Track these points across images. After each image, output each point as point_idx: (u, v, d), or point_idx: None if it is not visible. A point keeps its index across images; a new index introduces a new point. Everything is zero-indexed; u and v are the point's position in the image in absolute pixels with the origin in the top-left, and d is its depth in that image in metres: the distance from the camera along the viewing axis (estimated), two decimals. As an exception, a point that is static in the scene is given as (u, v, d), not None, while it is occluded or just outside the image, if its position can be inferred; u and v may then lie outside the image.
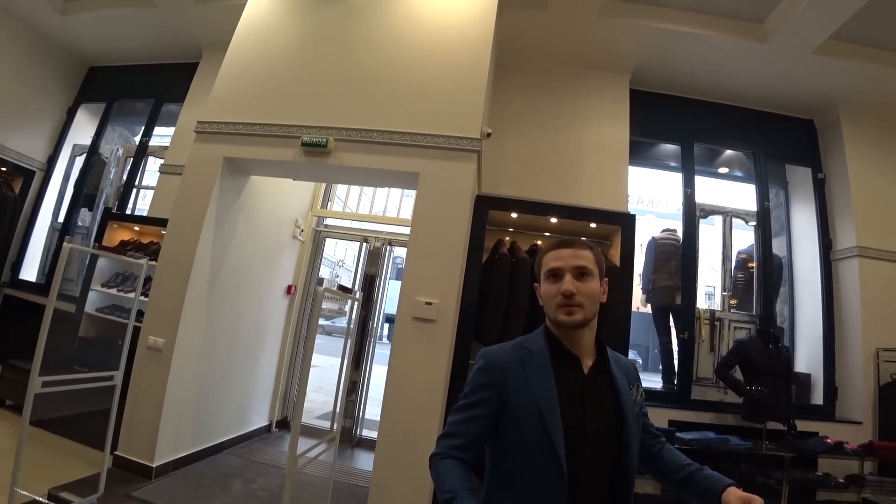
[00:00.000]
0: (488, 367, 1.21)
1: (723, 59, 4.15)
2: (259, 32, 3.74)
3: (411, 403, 2.92)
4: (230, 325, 3.86)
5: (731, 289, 4.70)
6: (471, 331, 3.23)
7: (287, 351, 4.79)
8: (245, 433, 4.22)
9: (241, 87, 3.62)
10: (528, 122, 4.23)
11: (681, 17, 3.89)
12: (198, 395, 3.53)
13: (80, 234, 5.33)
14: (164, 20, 4.71)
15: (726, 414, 3.88)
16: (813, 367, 4.36)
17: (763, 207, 4.57)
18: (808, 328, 4.51)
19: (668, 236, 4.60)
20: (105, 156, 5.47)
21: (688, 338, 4.21)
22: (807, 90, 4.40)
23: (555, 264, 1.20)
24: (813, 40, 3.80)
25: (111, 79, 5.74)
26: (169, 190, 4.25)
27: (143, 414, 3.19)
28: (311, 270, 5.09)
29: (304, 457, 2.63)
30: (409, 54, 3.45)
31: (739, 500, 1.05)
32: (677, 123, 4.67)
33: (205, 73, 4.75)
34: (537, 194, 3.82)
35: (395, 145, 3.26)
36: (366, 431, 4.69)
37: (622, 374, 1.22)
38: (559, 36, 4.12)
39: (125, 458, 3.15)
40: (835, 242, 4.41)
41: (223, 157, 3.49)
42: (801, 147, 4.74)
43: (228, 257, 3.73)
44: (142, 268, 2.98)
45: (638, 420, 1.20)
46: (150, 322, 3.32)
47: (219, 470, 3.49)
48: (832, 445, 3.52)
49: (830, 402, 4.14)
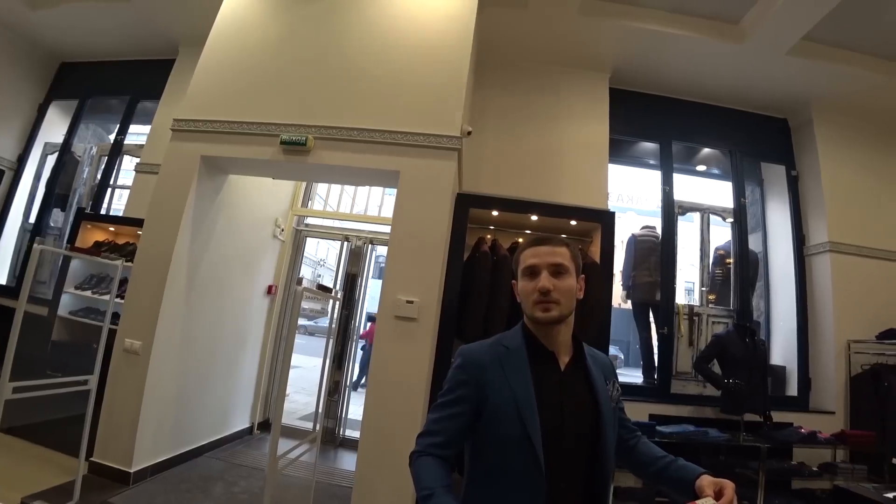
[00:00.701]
0: (466, 364, 1.21)
1: (700, 59, 4.23)
2: (237, 29, 3.68)
3: (393, 402, 2.91)
4: (210, 326, 3.80)
5: (710, 284, 4.80)
6: (452, 329, 3.23)
7: (268, 352, 4.73)
8: (226, 436, 4.16)
9: (218, 84, 3.56)
10: (509, 121, 4.25)
11: (659, 17, 3.94)
12: (177, 397, 3.47)
13: (52, 234, 5.19)
14: (139, 15, 4.59)
15: (705, 407, 3.97)
16: (788, 359, 4.48)
17: (739, 204, 4.67)
18: (782, 322, 4.63)
19: (647, 233, 4.67)
20: (78, 154, 5.33)
21: (667, 333, 4.29)
22: (781, 90, 4.50)
23: (531, 261, 1.21)
24: (786, 41, 3.89)
25: (84, 75, 5.58)
26: (145, 189, 4.16)
27: (119, 418, 3.12)
28: (292, 270, 5.04)
29: (286, 458, 2.61)
30: (390, 52, 3.44)
31: (712, 485, 1.07)
32: (656, 122, 4.74)
33: (181, 70, 4.66)
34: (518, 192, 3.84)
35: (375, 143, 3.25)
36: (349, 431, 4.67)
37: (599, 370, 1.23)
38: (540, 34, 4.15)
39: (101, 463, 3.08)
40: (808, 238, 4.54)
41: (201, 155, 3.43)
42: (775, 145, 4.86)
43: (207, 258, 3.66)
44: (117, 269, 2.91)
45: (614, 415, 1.21)
46: (126, 324, 3.25)
47: (199, 473, 3.43)
48: (806, 435, 3.63)
49: (804, 393, 4.26)
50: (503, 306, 3.37)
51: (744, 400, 3.65)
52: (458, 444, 1.17)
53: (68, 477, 2.82)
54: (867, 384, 3.90)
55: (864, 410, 3.88)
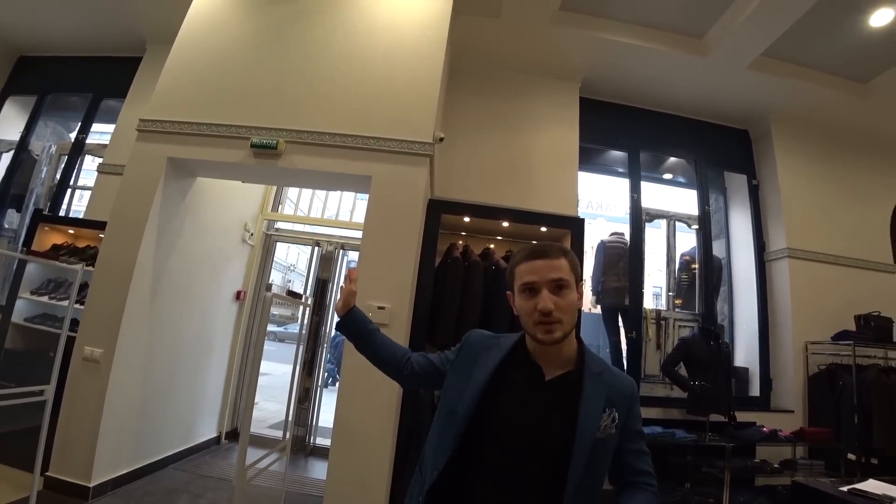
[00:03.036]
0: (464, 344, 1.30)
1: (666, 71, 4.37)
2: (208, 28, 3.60)
3: (365, 409, 2.88)
4: (175, 333, 3.69)
5: (676, 289, 4.93)
6: (424, 334, 3.23)
7: (237, 359, 4.62)
8: (192, 446, 4.04)
9: (187, 84, 3.47)
10: (481, 127, 4.29)
11: (628, 30, 4.06)
12: (140, 407, 3.34)
13: (6, 237, 4.94)
14: (105, 9, 4.43)
15: (672, 409, 4.07)
16: (750, 361, 4.65)
17: (704, 212, 4.84)
18: (745, 325, 4.80)
19: (616, 239, 4.78)
20: (36, 153, 5.09)
21: (636, 337, 4.39)
22: (742, 102, 4.70)
23: (529, 278, 1.12)
24: (747, 56, 4.07)
25: (44, 70, 5.34)
26: (108, 191, 4.00)
27: (78, 430, 2.99)
28: (262, 275, 4.94)
29: (255, 468, 2.55)
30: (362, 57, 3.43)
31: None
32: (624, 131, 4.87)
33: (148, 69, 4.51)
34: (489, 198, 3.88)
35: (346, 148, 3.23)
36: (319, 439, 4.59)
37: (600, 393, 1.11)
38: (512, 43, 4.21)
39: (58, 478, 2.94)
40: (768, 244, 4.73)
41: (167, 157, 3.33)
42: (737, 155, 5.06)
43: (173, 262, 3.56)
44: (77, 273, 2.80)
45: (598, 447, 1.06)
46: (86, 331, 3.12)
47: (164, 486, 3.32)
48: (768, 434, 3.76)
49: (766, 393, 4.42)
50: (475, 311, 3.38)
51: (709, 401, 3.77)
52: (416, 366, 1.34)
53: (22, 493, 2.67)
54: (824, 383, 4.08)
55: (822, 408, 4.06)
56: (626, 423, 1.13)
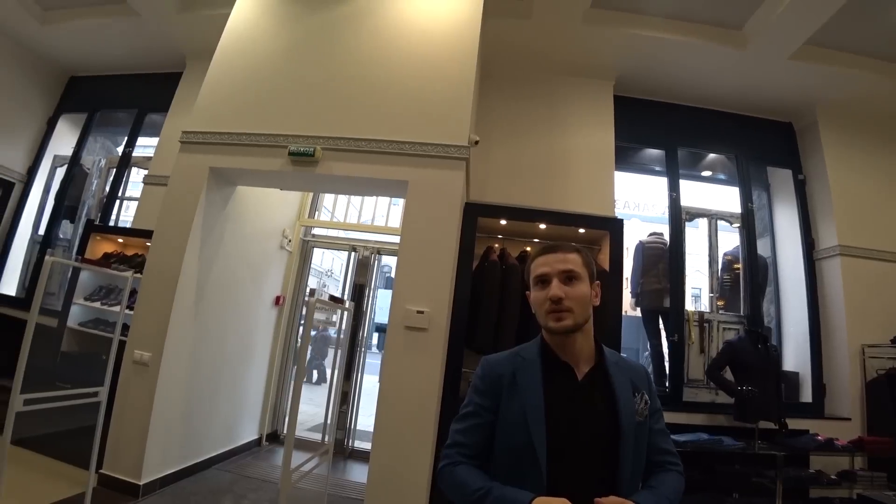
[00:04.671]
0: (485, 374, 1.22)
1: (703, 64, 4.24)
2: (244, 41, 3.71)
3: (404, 413, 2.89)
4: (218, 337, 3.79)
5: (719, 290, 4.76)
6: (463, 338, 3.21)
7: (276, 363, 4.72)
8: (235, 447, 4.14)
9: (226, 96, 3.59)
10: (516, 130, 4.26)
11: (662, 24, 3.96)
12: (186, 409, 3.46)
13: (61, 246, 5.22)
14: (147, 29, 4.66)
15: (718, 415, 3.92)
16: (800, 365, 4.43)
17: (747, 209, 4.65)
18: (794, 327, 4.58)
19: (655, 240, 4.65)
20: (87, 167, 5.37)
21: (678, 340, 4.25)
22: (785, 94, 4.50)
23: (542, 270, 1.19)
24: (789, 46, 3.90)
25: (93, 89, 5.65)
26: (153, 201, 4.19)
27: (129, 430, 3.11)
28: (300, 281, 5.04)
29: (298, 471, 2.59)
30: (396, 63, 3.46)
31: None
32: (661, 128, 4.74)
33: (189, 83, 4.71)
34: (526, 201, 3.84)
35: (382, 154, 3.26)
36: (358, 442, 4.63)
37: (625, 380, 1.17)
38: (544, 44, 4.17)
39: (111, 476, 3.06)
40: (817, 242, 4.50)
41: (209, 167, 3.45)
42: (781, 149, 4.84)
43: (215, 269, 3.67)
44: (126, 280, 2.92)
45: (639, 430, 1.13)
46: (135, 336, 3.25)
47: (208, 486, 3.41)
48: (823, 442, 3.58)
49: (819, 399, 4.20)
50: (513, 315, 3.34)
51: (758, 407, 3.60)
52: (485, 453, 1.17)
53: (78, 489, 2.81)
54: (883, 389, 3.84)
55: (882, 416, 3.81)
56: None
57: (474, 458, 1.15)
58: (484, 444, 1.16)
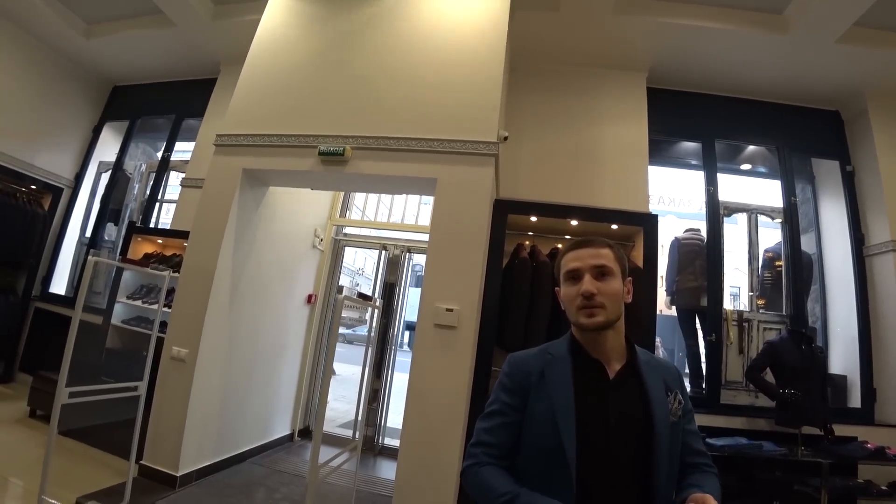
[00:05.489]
0: (513, 372, 1.20)
1: (741, 52, 4.05)
2: (274, 46, 3.79)
3: (434, 411, 2.88)
4: (252, 334, 3.89)
5: (759, 288, 4.56)
6: (493, 337, 3.19)
7: (308, 360, 4.81)
8: (268, 442, 4.24)
9: (258, 99, 3.67)
10: (545, 125, 4.19)
11: (697, 11, 3.81)
12: (221, 404, 3.56)
13: (106, 247, 5.47)
14: (183, 38, 4.83)
15: (758, 418, 3.74)
16: (849, 368, 4.18)
17: (790, 203, 4.43)
18: (841, 328, 4.33)
19: (691, 236, 4.49)
20: (129, 171, 5.62)
21: (715, 340, 4.09)
22: (831, 81, 4.26)
23: (573, 265, 1.17)
24: (836, 29, 3.68)
25: (134, 97, 5.91)
26: (190, 203, 4.33)
27: (167, 423, 3.22)
28: (331, 279, 5.11)
29: (327, 466, 2.62)
30: (423, 60, 3.46)
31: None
32: (697, 120, 4.57)
33: (223, 88, 4.85)
34: (556, 197, 3.77)
35: (411, 151, 3.26)
36: (387, 440, 4.66)
37: (658, 380, 1.14)
38: (573, 36, 4.09)
39: (150, 467, 3.19)
40: (867, 237, 4.24)
41: (242, 168, 3.54)
42: (827, 140, 4.59)
43: (249, 267, 3.76)
44: (165, 279, 3.03)
45: (674, 431, 1.10)
46: (173, 333, 3.37)
47: (242, 479, 3.50)
48: (873, 451, 3.35)
49: (869, 404, 3.95)
50: (544, 313, 3.29)
51: (801, 411, 3.42)
52: (512, 453, 1.14)
53: (120, 479, 2.93)
54: (941, 395, 3.60)
55: (939, 423, 3.58)
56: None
57: (501, 458, 1.12)
58: (511, 444, 1.13)
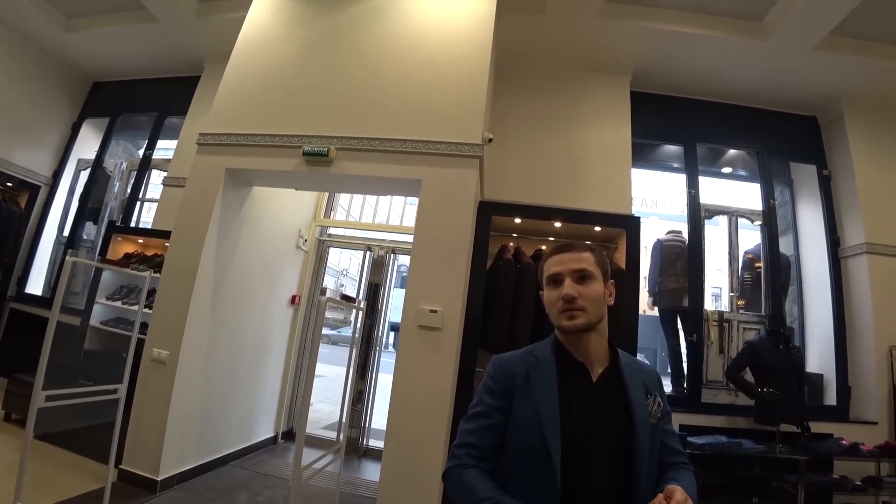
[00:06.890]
0: (497, 374, 1.20)
1: (723, 58, 4.14)
2: (259, 44, 3.75)
3: (418, 412, 2.88)
4: (234, 336, 3.85)
5: (739, 289, 4.65)
6: (477, 338, 3.19)
7: (292, 361, 4.77)
8: (251, 445, 4.19)
9: (241, 98, 3.63)
10: (530, 127, 4.22)
11: (680, 17, 3.88)
12: (203, 407, 3.51)
13: (85, 247, 5.36)
14: (166, 35, 4.75)
15: (738, 417, 3.83)
16: (825, 366, 4.29)
17: (769, 206, 4.53)
18: (818, 327, 4.44)
19: (673, 238, 4.57)
20: (109, 170, 5.51)
21: (696, 340, 4.16)
22: (808, 87, 4.37)
23: (554, 269, 1.19)
24: (814, 36, 3.78)
25: (115, 93, 5.79)
26: (172, 202, 4.27)
27: (147, 427, 3.17)
28: (315, 280, 5.08)
29: (310, 468, 2.60)
30: (409, 62, 3.46)
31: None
32: (679, 124, 4.65)
33: (206, 86, 4.78)
34: (540, 199, 3.80)
35: (396, 153, 3.26)
36: (372, 441, 4.65)
37: (639, 383, 1.17)
38: (558, 39, 4.12)
39: (130, 471, 3.13)
40: (843, 240, 4.36)
41: (225, 168, 3.49)
42: (804, 144, 4.70)
43: (232, 268, 3.72)
44: (145, 280, 2.98)
45: (653, 432, 1.13)
46: (154, 334, 3.31)
47: (224, 483, 3.46)
48: (848, 447, 3.46)
49: (844, 402, 4.06)
50: (528, 315, 3.31)
51: (779, 409, 3.50)
52: (495, 456, 1.14)
53: (98, 484, 2.87)
54: (912, 392, 3.71)
55: (910, 420, 3.69)
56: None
57: (484, 459, 1.13)
58: (495, 446, 1.14)
